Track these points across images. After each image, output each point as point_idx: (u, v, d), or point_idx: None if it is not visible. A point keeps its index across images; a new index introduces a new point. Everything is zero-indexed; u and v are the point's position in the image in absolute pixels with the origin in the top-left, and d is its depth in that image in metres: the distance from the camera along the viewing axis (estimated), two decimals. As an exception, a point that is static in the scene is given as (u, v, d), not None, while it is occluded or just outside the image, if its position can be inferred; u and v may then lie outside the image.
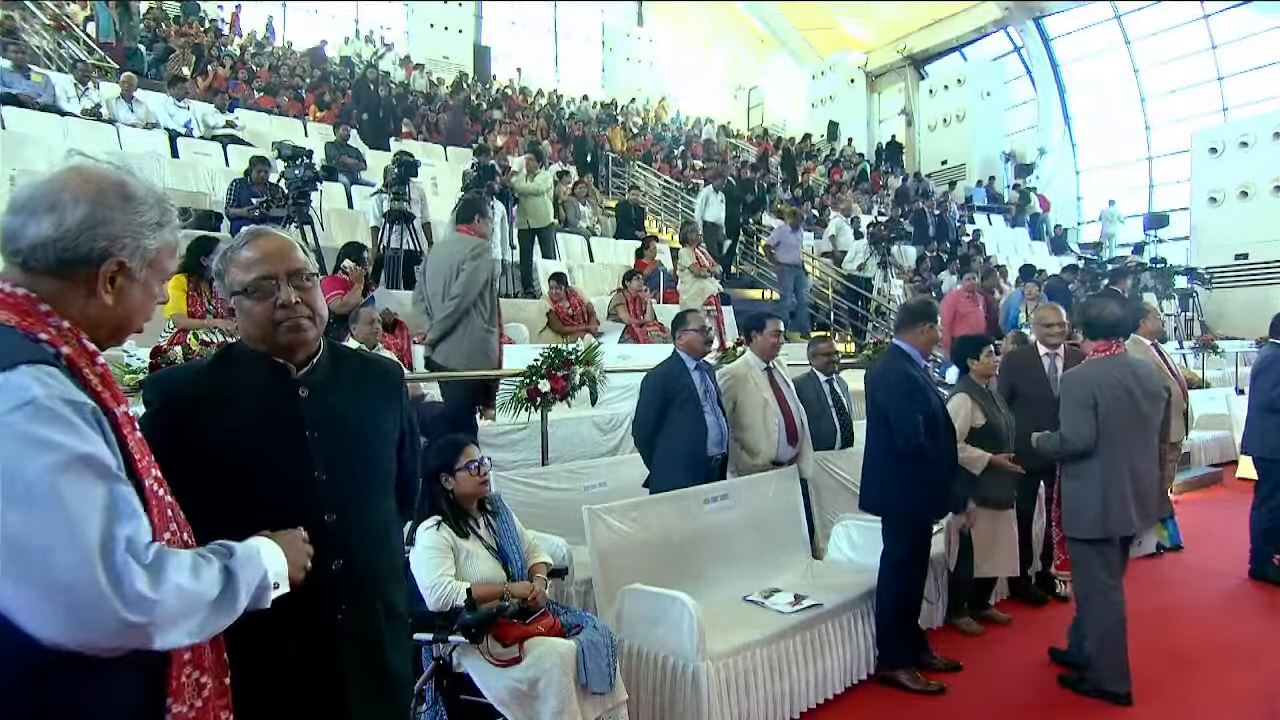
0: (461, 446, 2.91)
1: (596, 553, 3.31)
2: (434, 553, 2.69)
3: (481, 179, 7.89)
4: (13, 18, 10.22)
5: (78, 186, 1.13)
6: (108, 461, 1.01)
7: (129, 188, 1.18)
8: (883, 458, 3.57)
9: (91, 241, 1.12)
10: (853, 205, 14.05)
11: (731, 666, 3.01)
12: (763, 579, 3.78)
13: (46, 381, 1.00)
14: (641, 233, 10.98)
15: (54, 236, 1.09)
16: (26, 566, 0.93)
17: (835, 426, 5.04)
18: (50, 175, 1.14)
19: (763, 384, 4.28)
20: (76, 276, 1.12)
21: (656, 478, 4.04)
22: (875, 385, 3.62)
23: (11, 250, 1.11)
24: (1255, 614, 4.49)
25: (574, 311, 7.30)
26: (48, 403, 0.97)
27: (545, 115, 16.43)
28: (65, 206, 1.10)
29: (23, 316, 1.06)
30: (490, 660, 2.59)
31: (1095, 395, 3.30)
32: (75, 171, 1.15)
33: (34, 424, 0.96)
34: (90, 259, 1.12)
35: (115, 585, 0.95)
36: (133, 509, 1.02)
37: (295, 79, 13.74)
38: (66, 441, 0.97)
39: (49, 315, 1.09)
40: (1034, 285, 8.45)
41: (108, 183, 1.16)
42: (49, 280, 1.11)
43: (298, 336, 1.50)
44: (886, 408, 3.51)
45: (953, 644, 3.97)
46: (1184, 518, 6.21)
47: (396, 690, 1.62)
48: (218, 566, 1.11)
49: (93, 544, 0.94)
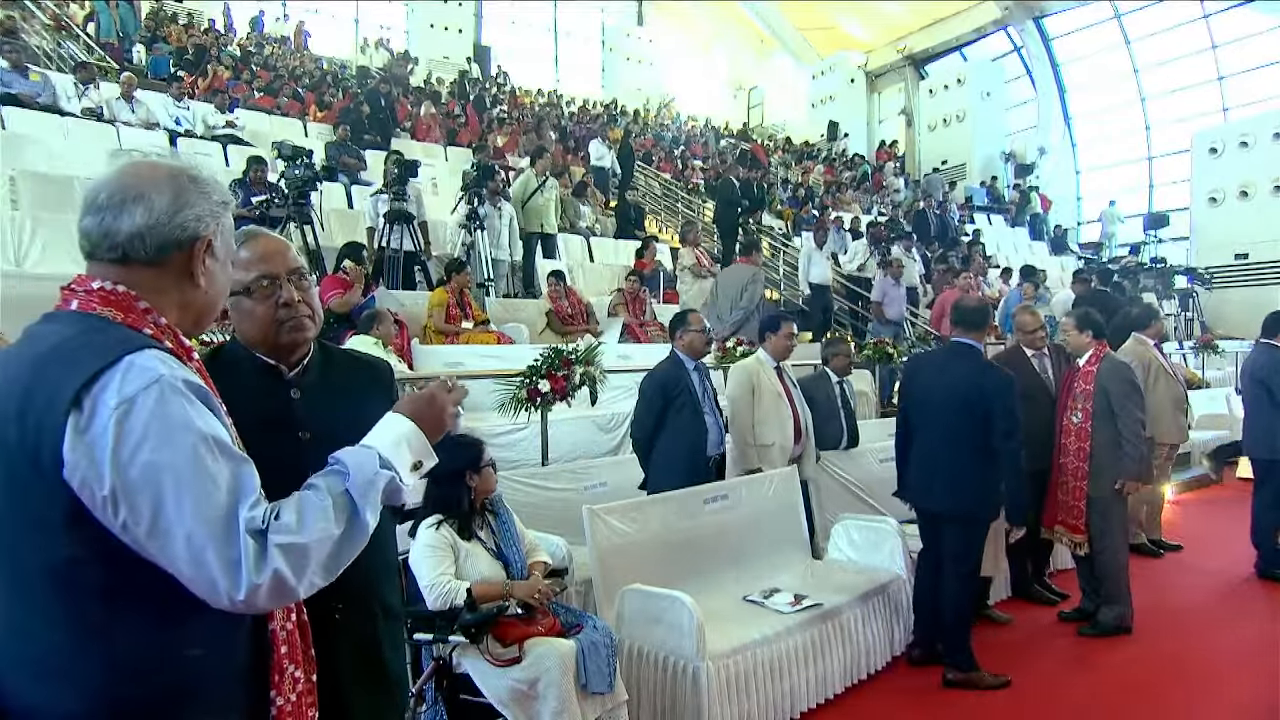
0: (480, 444, 2.93)
1: (596, 553, 3.31)
2: (434, 551, 2.69)
3: (481, 179, 7.89)
4: (13, 18, 10.22)
5: (151, 175, 1.16)
6: (227, 439, 1.06)
7: (194, 171, 1.21)
8: (971, 459, 3.51)
9: (182, 223, 1.15)
10: (853, 204, 14.06)
11: (731, 666, 3.01)
12: (763, 579, 3.78)
13: (170, 362, 1.05)
14: (641, 233, 10.98)
15: (149, 224, 1.13)
16: (168, 541, 0.98)
17: (843, 428, 5.05)
18: (116, 172, 1.16)
19: (773, 381, 4.35)
20: (171, 262, 1.16)
21: (655, 479, 4.04)
22: (990, 392, 3.52)
23: (109, 246, 1.12)
24: (1256, 614, 4.48)
25: (573, 310, 7.30)
26: (173, 381, 1.02)
27: (545, 115, 16.42)
28: (150, 195, 1.13)
29: (126, 313, 1.10)
30: (490, 660, 2.59)
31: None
32: (142, 164, 1.18)
33: (165, 403, 1.01)
34: (182, 242, 1.16)
35: (232, 568, 0.99)
36: (253, 485, 1.06)
37: (293, 81, 13.73)
38: (195, 421, 1.02)
39: (148, 312, 1.12)
40: (1031, 285, 8.45)
41: (176, 169, 1.19)
42: (145, 271, 1.14)
43: (300, 335, 1.50)
44: (1006, 415, 3.47)
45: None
46: (1184, 518, 6.23)
47: (394, 690, 1.62)
48: (332, 500, 1.11)
49: (218, 524, 0.99)
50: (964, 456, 3.52)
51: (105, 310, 1.09)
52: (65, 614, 1.00)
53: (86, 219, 1.14)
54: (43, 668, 1.00)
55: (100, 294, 1.10)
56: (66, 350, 1.03)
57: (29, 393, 1.00)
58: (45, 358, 1.03)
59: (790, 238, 12.33)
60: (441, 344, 6.00)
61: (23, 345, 1.08)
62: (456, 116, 14.18)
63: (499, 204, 8.03)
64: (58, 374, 1.00)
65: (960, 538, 3.59)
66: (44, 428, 0.98)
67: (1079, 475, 4.15)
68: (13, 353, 1.07)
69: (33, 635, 1.00)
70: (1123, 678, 3.69)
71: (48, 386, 1.00)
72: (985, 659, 3.61)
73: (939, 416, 3.61)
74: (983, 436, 3.48)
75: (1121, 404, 4.05)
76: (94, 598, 1.01)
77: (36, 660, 1.00)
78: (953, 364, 3.71)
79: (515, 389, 4.48)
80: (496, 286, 7.86)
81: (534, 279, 8.54)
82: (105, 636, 1.01)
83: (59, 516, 0.99)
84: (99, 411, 0.98)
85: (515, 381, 4.49)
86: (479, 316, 6.43)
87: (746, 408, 4.29)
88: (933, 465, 3.64)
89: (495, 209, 7.96)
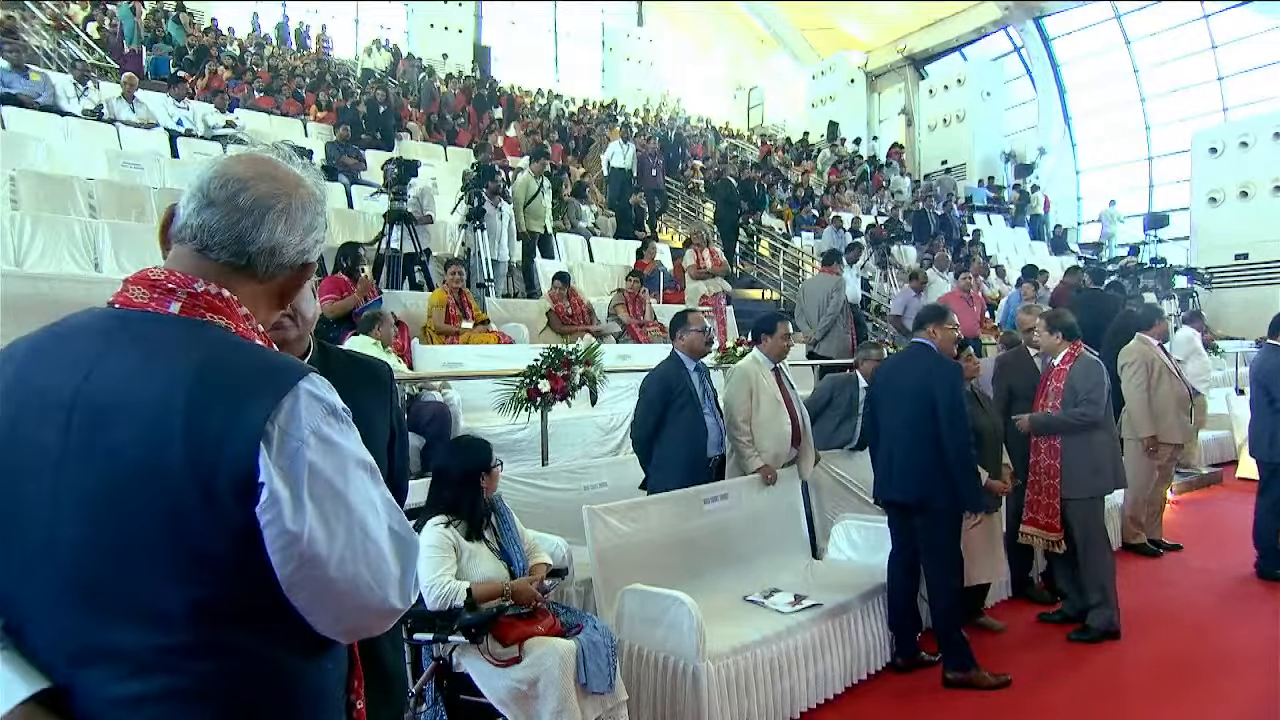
0: (488, 445, 2.94)
1: (596, 553, 3.31)
2: (435, 551, 2.69)
3: (481, 179, 7.89)
4: (13, 17, 10.22)
5: (296, 187, 1.09)
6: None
7: (323, 190, 1.15)
8: (927, 448, 3.56)
9: (307, 247, 1.10)
10: (852, 204, 14.05)
11: (731, 666, 3.01)
12: (763, 579, 3.78)
13: (330, 388, 1.00)
14: (642, 232, 10.98)
15: (285, 241, 1.07)
16: (354, 564, 0.96)
17: (856, 430, 5.05)
18: (257, 172, 1.07)
19: (771, 384, 4.29)
20: (276, 279, 1.09)
21: (655, 479, 4.03)
22: (935, 380, 3.60)
23: (235, 251, 1.04)
24: (1257, 614, 4.48)
25: (574, 311, 7.30)
26: (340, 410, 0.99)
27: (545, 114, 16.42)
28: (296, 210, 1.07)
29: (235, 322, 1.02)
30: (490, 660, 2.59)
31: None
32: (285, 170, 1.11)
33: (345, 435, 0.99)
34: (295, 264, 1.10)
35: (397, 591, 1.00)
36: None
37: (295, 80, 13.73)
38: (359, 450, 1.00)
39: (248, 318, 1.04)
40: (1031, 286, 8.45)
41: (315, 185, 1.13)
42: (251, 282, 1.06)
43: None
44: (950, 402, 3.53)
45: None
46: (1184, 518, 6.22)
47: (393, 688, 1.62)
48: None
49: (385, 543, 0.99)
50: (921, 447, 3.58)
51: (215, 317, 1.00)
52: (215, 645, 0.93)
53: (213, 213, 1.03)
54: (191, 695, 0.93)
55: (207, 298, 1.00)
56: (229, 369, 0.95)
57: (196, 415, 0.90)
58: (205, 377, 0.93)
59: (790, 238, 12.32)
60: (441, 344, 6.00)
61: (143, 353, 0.95)
62: (457, 117, 14.19)
63: (499, 204, 8.04)
64: (233, 398, 0.92)
65: (928, 529, 3.61)
66: (223, 457, 0.90)
67: (1051, 474, 4.18)
68: (132, 359, 0.95)
69: (178, 669, 0.92)
70: (1122, 678, 3.69)
71: (221, 412, 0.91)
72: (984, 659, 3.61)
73: (896, 410, 3.70)
74: (934, 425, 3.53)
75: (1085, 396, 4.06)
76: (245, 625, 0.95)
77: (184, 691, 0.93)
78: (907, 362, 3.84)
79: (515, 389, 4.48)
80: (496, 286, 7.86)
81: (534, 279, 8.54)
82: (257, 660, 0.96)
83: (225, 549, 0.91)
84: (287, 444, 0.92)
85: (515, 381, 4.50)
86: (479, 316, 6.43)
87: (743, 412, 4.22)
88: (892, 456, 3.72)
89: (495, 209, 7.96)
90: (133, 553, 0.91)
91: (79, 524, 0.92)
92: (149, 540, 0.91)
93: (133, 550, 0.91)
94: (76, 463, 0.92)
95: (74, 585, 0.92)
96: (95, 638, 0.92)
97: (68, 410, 0.93)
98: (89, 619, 0.92)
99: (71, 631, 0.92)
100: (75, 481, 0.92)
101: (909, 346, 3.98)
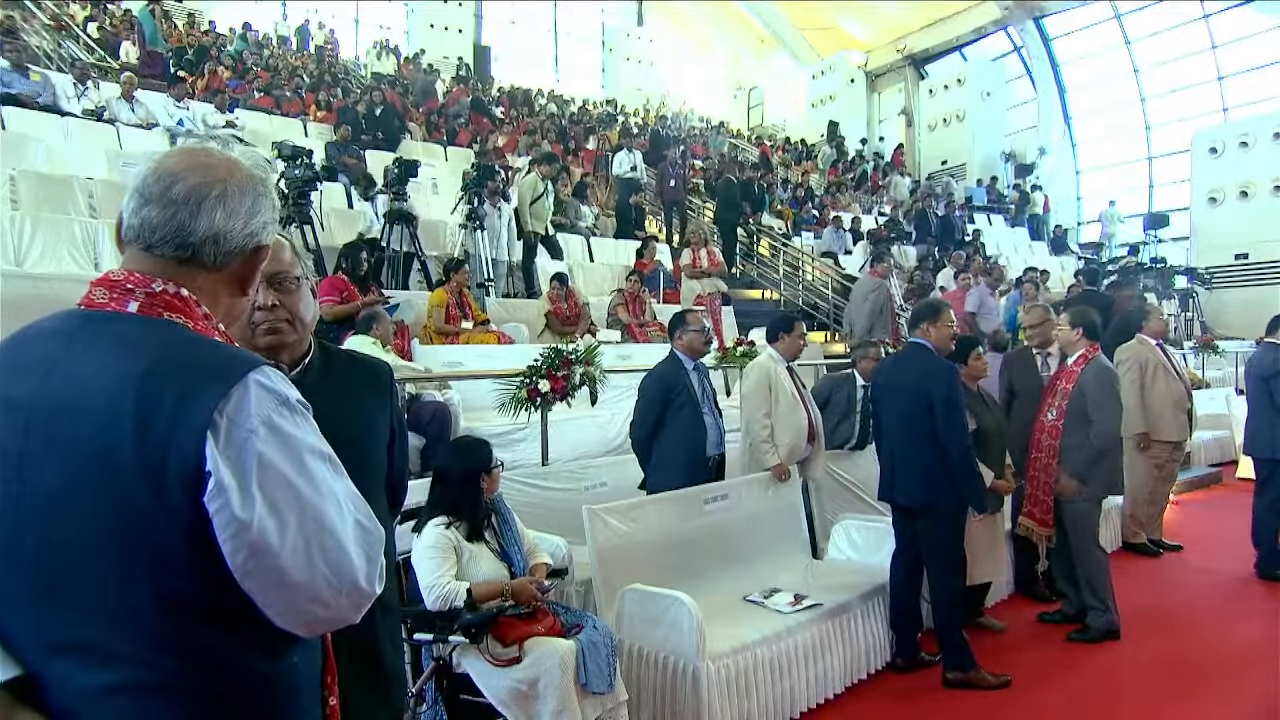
0: (489, 446, 2.93)
1: (596, 553, 3.31)
2: (436, 552, 2.69)
3: (481, 179, 7.89)
4: (13, 17, 10.22)
5: (231, 172, 1.07)
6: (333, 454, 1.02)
7: (265, 172, 1.14)
8: (928, 449, 3.54)
9: (255, 229, 1.08)
10: (852, 204, 14.04)
11: (731, 666, 3.01)
12: (763, 579, 3.78)
13: (283, 379, 0.99)
14: (641, 232, 10.97)
15: (228, 227, 1.05)
16: (310, 555, 0.95)
17: (854, 430, 5.05)
18: (190, 164, 1.06)
19: (787, 381, 4.32)
20: (230, 268, 1.08)
21: (655, 479, 4.04)
22: (931, 380, 3.58)
23: (178, 244, 1.02)
24: (1258, 614, 4.48)
25: (571, 313, 7.30)
26: (293, 401, 0.98)
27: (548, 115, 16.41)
28: (232, 195, 1.05)
29: (193, 320, 1.01)
30: (490, 660, 2.59)
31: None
32: (219, 158, 1.09)
33: (297, 425, 0.97)
34: (245, 249, 1.08)
35: (363, 581, 1.00)
36: (359, 498, 1.04)
37: (295, 80, 13.73)
38: (315, 440, 0.99)
39: (208, 318, 1.04)
40: (1032, 286, 8.45)
41: (256, 169, 1.11)
42: (204, 274, 1.06)
43: (274, 339, 1.50)
44: (945, 402, 3.52)
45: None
46: (1184, 518, 6.22)
47: (391, 685, 1.62)
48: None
49: (349, 531, 0.99)
50: (920, 447, 3.57)
51: (173, 316, 1.00)
52: (182, 640, 0.94)
53: (150, 210, 1.02)
54: (160, 689, 0.94)
55: (164, 297, 1.00)
56: (179, 364, 0.94)
57: (145, 410, 0.90)
58: (154, 373, 0.92)
59: (790, 237, 12.32)
60: (441, 344, 6.00)
61: (99, 352, 0.95)
62: (457, 116, 14.18)
63: (499, 204, 8.03)
64: (180, 391, 0.91)
65: (931, 530, 3.60)
66: (171, 450, 0.89)
67: (1049, 472, 4.17)
68: (88, 358, 0.94)
69: (147, 663, 0.93)
70: (1122, 678, 3.69)
71: (169, 405, 0.90)
72: (984, 659, 3.61)
73: (897, 412, 3.69)
74: (931, 424, 3.52)
75: (1097, 409, 4.00)
76: (211, 620, 0.95)
77: (154, 685, 0.94)
78: (904, 362, 3.82)
79: (515, 389, 4.48)
80: (496, 286, 7.86)
81: (534, 279, 8.55)
82: (223, 655, 0.97)
83: (180, 543, 0.91)
84: (234, 434, 0.91)
85: (515, 381, 4.50)
86: (479, 316, 6.43)
87: (763, 406, 4.21)
88: (894, 459, 3.70)
89: (495, 209, 7.96)
90: (98, 551, 0.92)
91: (43, 524, 0.92)
92: (112, 538, 0.91)
93: (97, 548, 0.92)
94: (35, 463, 0.93)
95: (41, 583, 0.93)
96: (66, 631, 0.93)
97: (26, 411, 0.94)
98: (60, 614, 0.93)
99: (44, 625, 0.93)
100: (35, 481, 0.92)
101: (905, 346, 3.97)
